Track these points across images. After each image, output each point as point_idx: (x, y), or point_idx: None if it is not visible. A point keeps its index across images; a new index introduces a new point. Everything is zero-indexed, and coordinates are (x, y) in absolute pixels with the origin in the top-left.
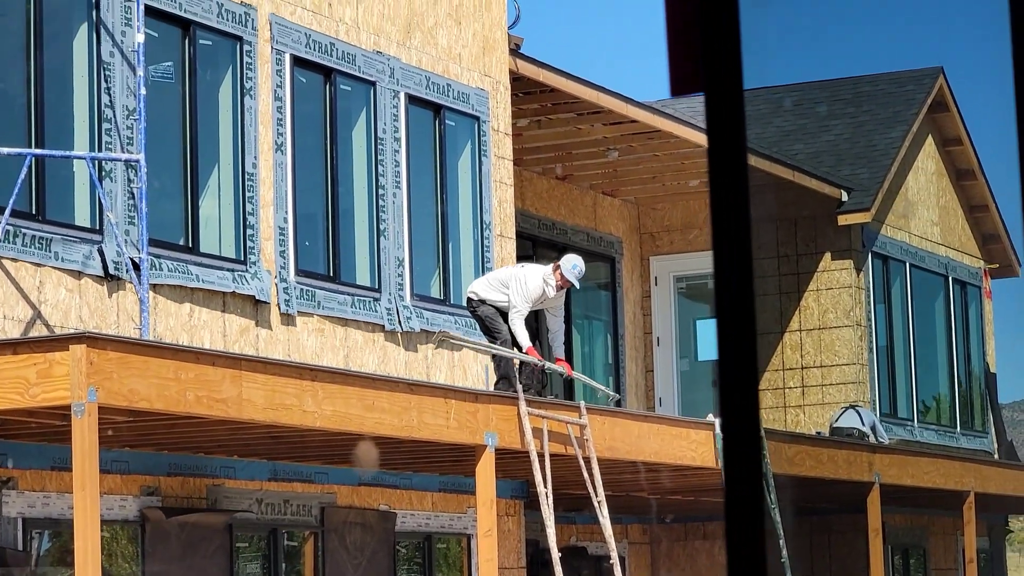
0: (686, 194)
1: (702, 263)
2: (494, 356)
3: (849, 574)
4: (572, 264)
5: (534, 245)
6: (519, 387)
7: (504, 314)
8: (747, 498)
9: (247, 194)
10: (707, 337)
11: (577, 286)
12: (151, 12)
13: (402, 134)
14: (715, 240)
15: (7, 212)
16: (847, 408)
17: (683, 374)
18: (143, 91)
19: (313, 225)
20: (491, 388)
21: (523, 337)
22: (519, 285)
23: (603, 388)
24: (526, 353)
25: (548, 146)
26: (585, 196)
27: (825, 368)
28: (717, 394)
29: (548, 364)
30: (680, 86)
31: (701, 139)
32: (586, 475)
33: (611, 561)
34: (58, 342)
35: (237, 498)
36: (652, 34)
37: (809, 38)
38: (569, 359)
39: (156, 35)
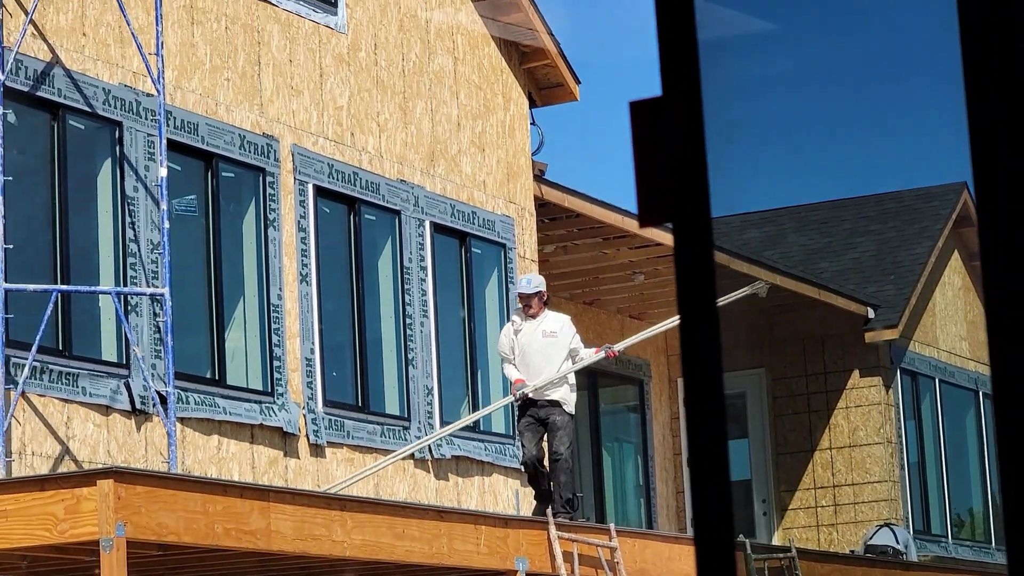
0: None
1: (729, 384)
2: (531, 477)
3: None
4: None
5: None
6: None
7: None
8: None
9: (273, 326)
10: (738, 457)
11: (527, 290)
12: (174, 146)
13: (428, 263)
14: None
15: (34, 349)
16: (881, 526)
17: None
18: (167, 224)
19: (340, 355)
20: (521, 513)
21: (510, 376)
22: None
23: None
24: (514, 384)
25: (575, 271)
26: (612, 320)
27: (857, 486)
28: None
29: (538, 385)
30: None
31: (726, 260)
32: None
33: None
34: (85, 477)
35: None
36: None
37: (789, 164)
38: (599, 479)
39: (179, 168)
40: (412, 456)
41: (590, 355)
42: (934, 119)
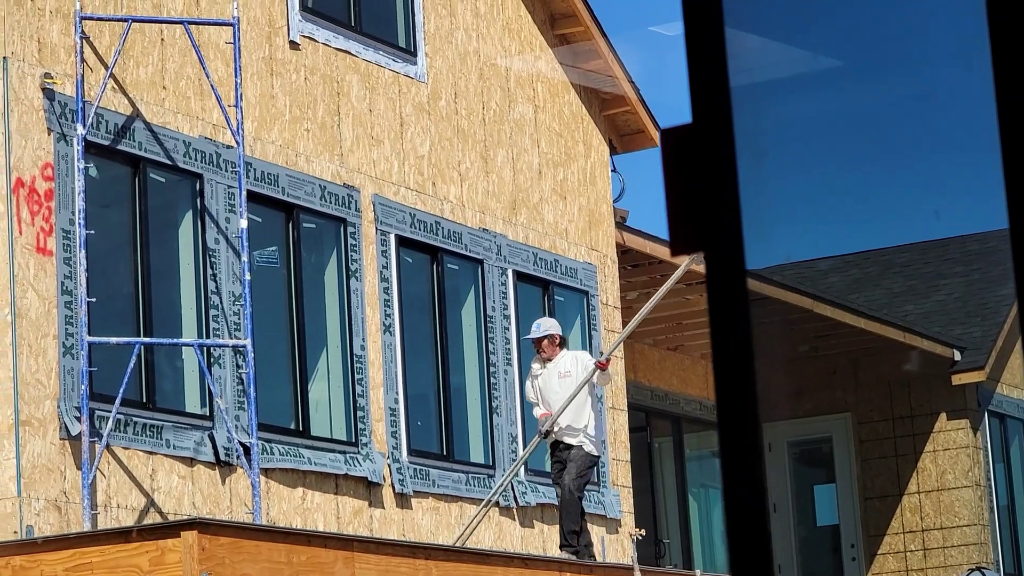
0: (796, 360)
1: (815, 428)
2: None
3: None
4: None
5: (647, 416)
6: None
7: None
8: None
9: (356, 376)
10: (825, 502)
11: (536, 334)
12: (254, 197)
13: (511, 311)
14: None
15: (117, 401)
16: (971, 570)
17: (801, 540)
18: (248, 276)
19: (424, 404)
20: (606, 560)
21: (535, 415)
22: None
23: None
24: (539, 420)
25: (658, 317)
26: (697, 366)
27: (946, 530)
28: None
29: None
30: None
31: (808, 303)
32: None
33: None
34: (169, 529)
35: None
36: None
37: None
38: (685, 525)
39: (260, 220)
40: (498, 504)
41: (589, 374)
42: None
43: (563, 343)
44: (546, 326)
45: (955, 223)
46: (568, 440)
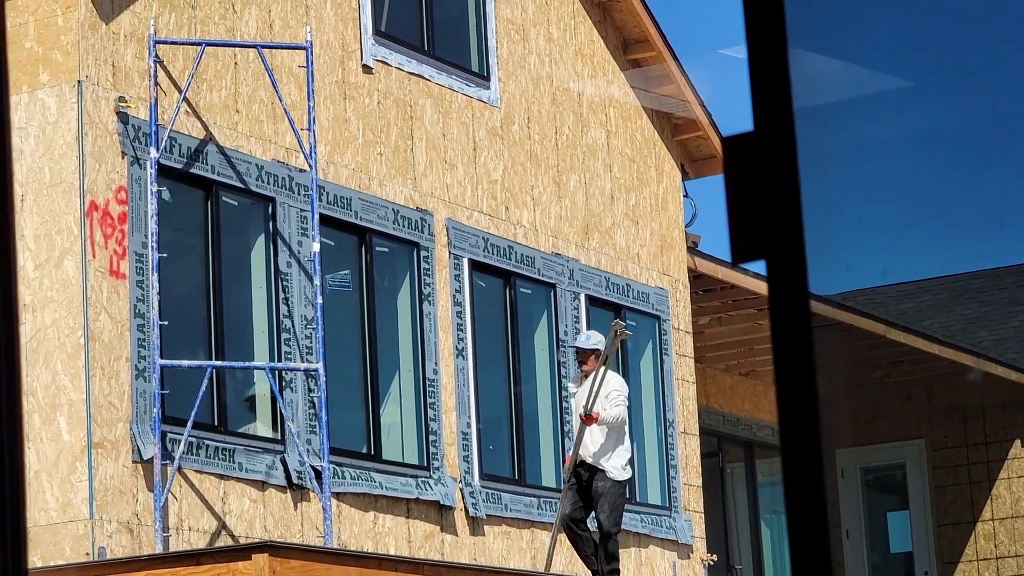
0: (869, 386)
1: (889, 454)
2: (571, 539)
3: None
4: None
5: (719, 441)
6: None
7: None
8: None
9: (429, 400)
10: (898, 529)
11: (586, 345)
12: (327, 221)
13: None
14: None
15: (189, 424)
16: None
17: (874, 567)
18: (320, 300)
19: (497, 429)
20: None
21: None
22: None
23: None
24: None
25: (730, 342)
26: (769, 391)
27: (1021, 557)
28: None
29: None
30: (741, 254)
31: (882, 330)
32: None
33: None
34: (240, 552)
35: None
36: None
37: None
38: (758, 551)
39: (332, 244)
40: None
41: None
42: None
43: (606, 361)
44: (595, 340)
45: None
46: (589, 461)
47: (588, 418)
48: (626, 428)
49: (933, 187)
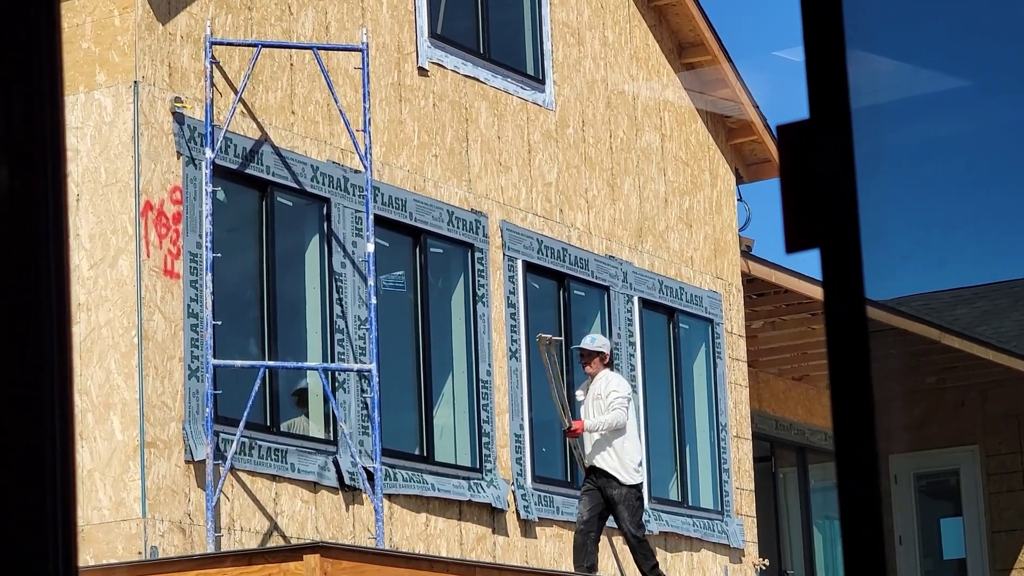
0: (923, 392)
1: (942, 460)
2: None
3: None
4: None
5: (772, 446)
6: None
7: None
8: None
9: (482, 402)
10: (952, 536)
11: (590, 347)
12: (381, 222)
13: (636, 338)
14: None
15: (241, 424)
16: None
17: (927, 574)
18: (374, 300)
19: (549, 431)
20: None
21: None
22: None
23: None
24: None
25: (784, 347)
26: (822, 396)
27: None
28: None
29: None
30: (795, 243)
31: (936, 335)
32: None
33: None
34: (292, 552)
35: None
36: None
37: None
38: (810, 556)
39: (387, 244)
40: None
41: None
42: None
43: (610, 364)
44: (600, 343)
45: None
46: (601, 465)
47: (570, 431)
48: (632, 430)
49: (991, 189)
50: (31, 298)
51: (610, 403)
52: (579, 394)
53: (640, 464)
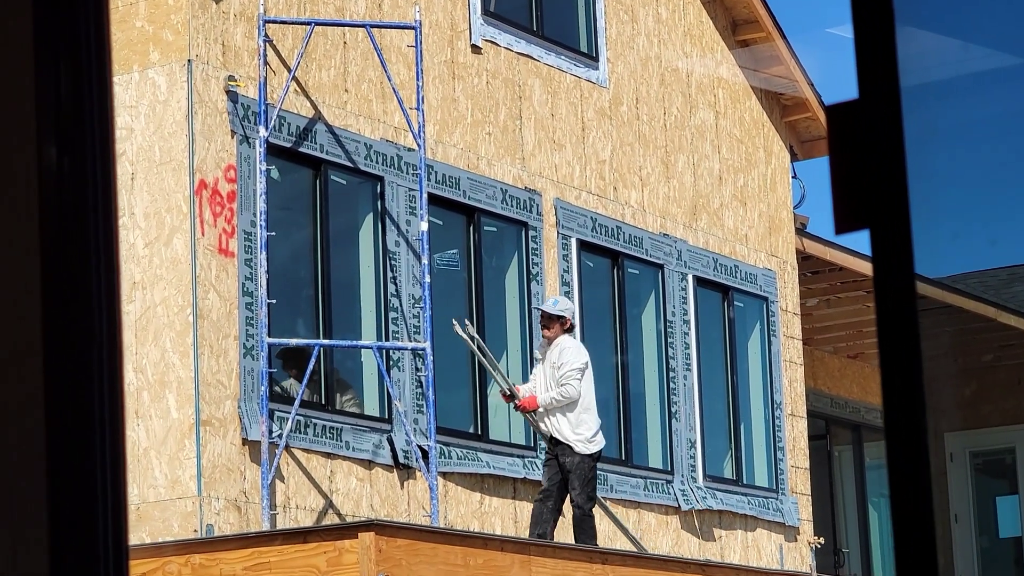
0: (978, 369)
1: (998, 438)
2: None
3: None
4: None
5: (827, 424)
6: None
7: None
8: None
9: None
10: (1008, 514)
11: (551, 310)
12: (435, 200)
13: (691, 316)
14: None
15: (296, 403)
16: None
17: (983, 551)
18: (428, 279)
19: (604, 409)
20: (785, 567)
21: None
22: None
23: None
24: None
25: (838, 324)
26: (877, 374)
27: None
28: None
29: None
30: (844, 224)
31: (992, 312)
32: None
33: None
34: (347, 530)
35: None
36: None
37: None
38: (865, 535)
39: (440, 223)
40: (676, 510)
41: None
42: None
43: (570, 330)
44: (562, 306)
45: None
46: (556, 435)
47: (519, 407)
48: (589, 399)
49: None
50: (80, 277)
51: (562, 375)
52: (537, 354)
53: (596, 434)
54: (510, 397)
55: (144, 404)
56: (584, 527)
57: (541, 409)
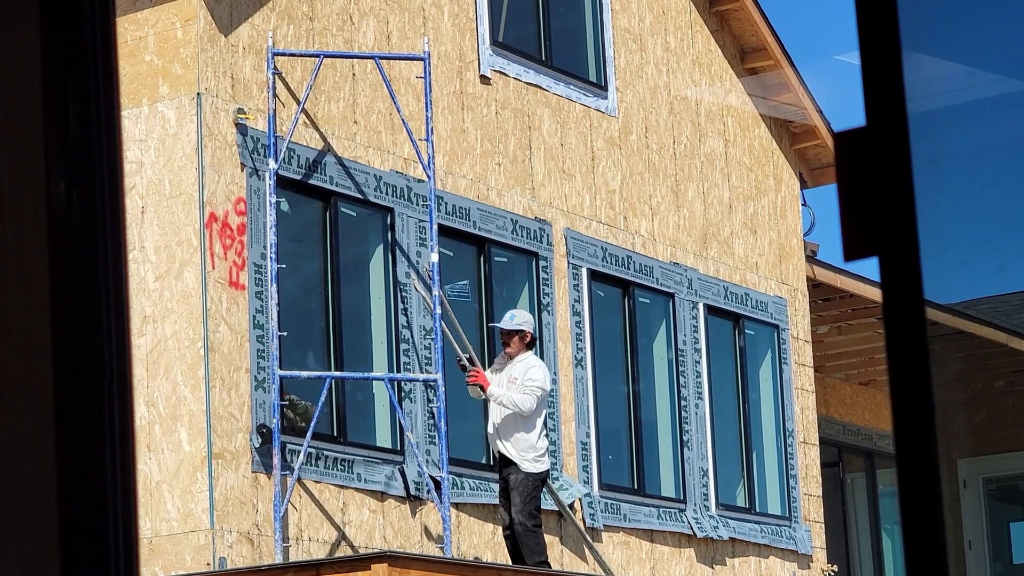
0: (990, 395)
1: (1011, 464)
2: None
3: None
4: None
5: (839, 451)
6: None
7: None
8: None
9: (548, 410)
10: (1022, 539)
11: (507, 325)
12: (445, 231)
13: (702, 344)
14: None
15: (308, 435)
16: None
17: None
18: (439, 310)
19: (616, 438)
20: None
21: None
22: None
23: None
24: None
25: (850, 351)
26: (889, 400)
27: None
28: None
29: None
30: (853, 252)
31: (1003, 338)
32: None
33: None
34: (359, 562)
35: None
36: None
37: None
38: (879, 562)
39: (451, 254)
40: (689, 539)
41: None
42: None
43: (531, 345)
44: (520, 320)
45: None
46: (503, 451)
47: (472, 376)
48: (539, 423)
49: None
50: (90, 310)
51: (526, 387)
52: (496, 365)
53: (542, 455)
54: (468, 365)
55: (156, 437)
56: (527, 541)
57: (490, 398)
